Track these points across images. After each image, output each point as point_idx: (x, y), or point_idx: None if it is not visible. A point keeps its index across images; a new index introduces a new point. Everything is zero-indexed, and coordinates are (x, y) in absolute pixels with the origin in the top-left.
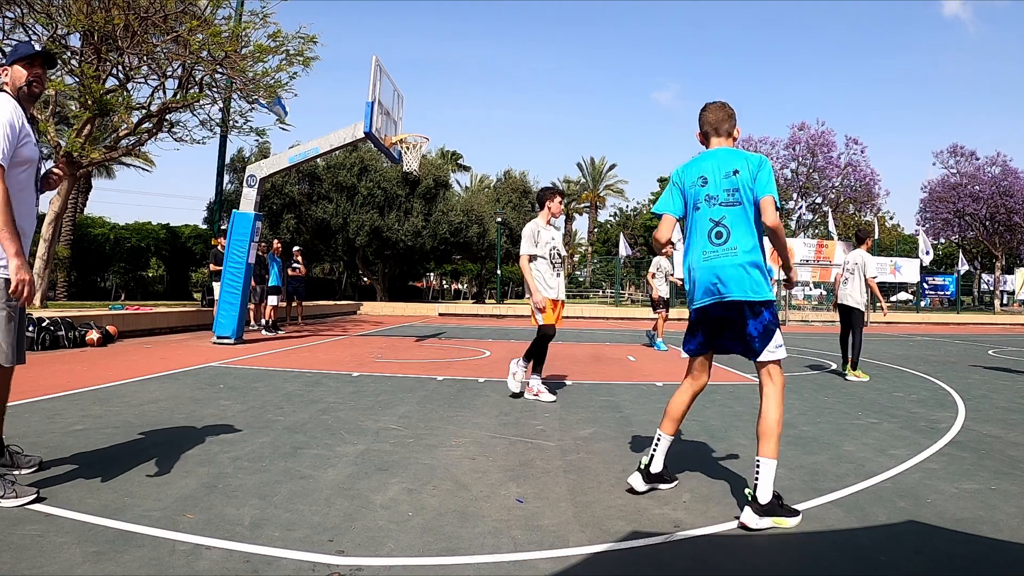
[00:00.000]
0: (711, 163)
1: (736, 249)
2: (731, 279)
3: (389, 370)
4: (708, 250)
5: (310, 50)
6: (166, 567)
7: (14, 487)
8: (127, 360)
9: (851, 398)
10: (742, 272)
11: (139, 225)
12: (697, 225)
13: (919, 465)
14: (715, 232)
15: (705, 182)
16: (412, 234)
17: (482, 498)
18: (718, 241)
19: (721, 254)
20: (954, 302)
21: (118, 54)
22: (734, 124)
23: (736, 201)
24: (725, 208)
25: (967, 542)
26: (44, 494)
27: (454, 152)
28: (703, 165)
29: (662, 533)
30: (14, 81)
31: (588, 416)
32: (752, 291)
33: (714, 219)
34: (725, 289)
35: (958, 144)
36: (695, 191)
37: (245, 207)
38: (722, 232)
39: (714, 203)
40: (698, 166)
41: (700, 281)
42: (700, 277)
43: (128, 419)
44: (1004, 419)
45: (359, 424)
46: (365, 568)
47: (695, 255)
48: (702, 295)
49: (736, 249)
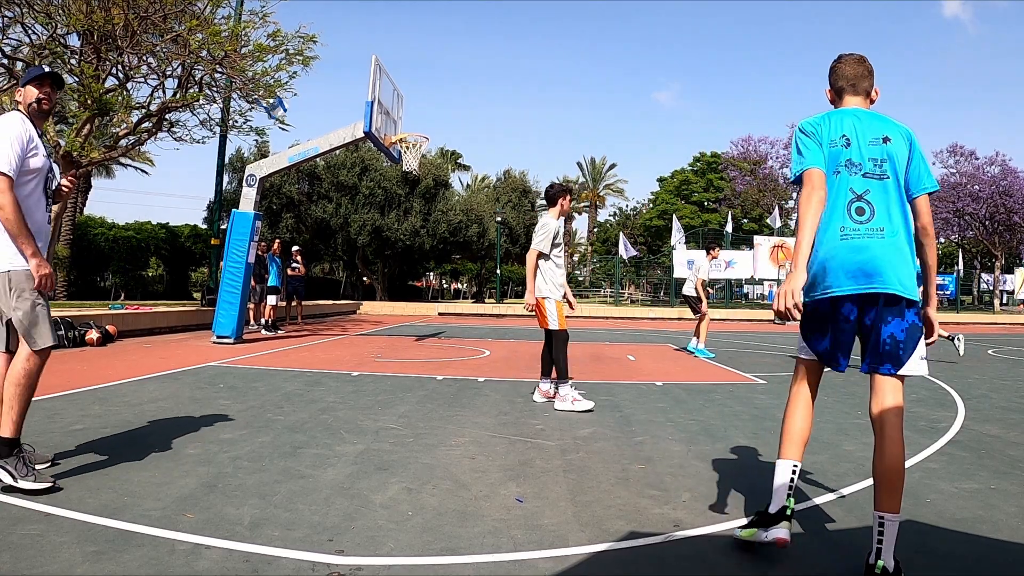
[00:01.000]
0: (853, 122)
1: (883, 231)
2: (884, 266)
3: (389, 369)
4: (849, 227)
5: (310, 49)
6: (166, 567)
7: (35, 472)
8: (127, 360)
9: (851, 398)
10: (896, 258)
11: (139, 225)
12: (833, 195)
13: (919, 465)
14: (856, 207)
15: (848, 143)
16: (411, 233)
17: (482, 498)
18: (860, 218)
19: (865, 234)
20: (954, 301)
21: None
22: (873, 83)
23: (883, 174)
24: (870, 180)
25: (967, 542)
26: (44, 494)
27: (454, 152)
28: (845, 122)
29: (662, 533)
30: (26, 99)
31: (588, 416)
32: (902, 285)
33: (856, 191)
34: (878, 278)
35: (958, 144)
36: (836, 152)
37: (245, 206)
38: (864, 208)
39: (856, 172)
40: (839, 122)
41: (838, 264)
42: (839, 258)
43: (128, 419)
44: (1004, 419)
45: (359, 424)
46: (365, 568)
47: (830, 231)
48: (841, 281)
49: (883, 231)
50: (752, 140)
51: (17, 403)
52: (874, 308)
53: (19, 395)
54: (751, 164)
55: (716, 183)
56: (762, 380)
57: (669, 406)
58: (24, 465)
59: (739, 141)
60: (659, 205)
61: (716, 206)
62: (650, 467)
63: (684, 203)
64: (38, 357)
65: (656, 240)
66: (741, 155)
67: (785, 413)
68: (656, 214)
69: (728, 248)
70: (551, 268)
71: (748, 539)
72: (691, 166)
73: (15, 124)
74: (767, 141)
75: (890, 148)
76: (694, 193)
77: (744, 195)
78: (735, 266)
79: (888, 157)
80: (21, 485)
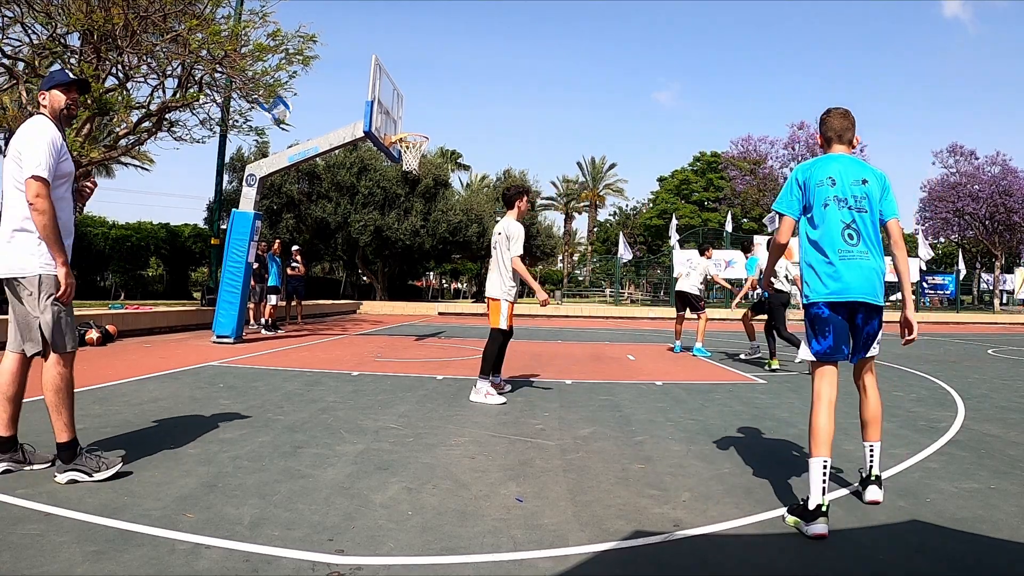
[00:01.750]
0: (838, 166)
1: (867, 255)
2: (871, 283)
3: (389, 369)
4: (844, 248)
5: (310, 49)
6: (166, 566)
7: (104, 460)
8: (127, 359)
9: (851, 397)
10: (876, 278)
11: (138, 224)
12: (827, 222)
13: (919, 464)
14: (847, 233)
15: (833, 183)
16: (411, 233)
17: (482, 497)
18: (851, 242)
19: (857, 256)
20: (954, 301)
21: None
22: (854, 133)
23: (864, 208)
24: (854, 212)
25: (967, 542)
26: (43, 494)
27: (454, 151)
28: (831, 167)
29: (662, 532)
30: (53, 105)
31: (588, 415)
32: (879, 296)
33: (845, 221)
34: (870, 292)
35: (958, 143)
36: (822, 190)
37: (245, 206)
38: (853, 235)
39: (843, 205)
40: (826, 166)
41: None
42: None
43: (128, 418)
44: (1004, 418)
45: (359, 423)
46: (365, 567)
47: (828, 251)
48: (844, 290)
49: (867, 255)
50: (752, 140)
51: (63, 408)
52: (862, 313)
53: (62, 400)
54: (751, 164)
55: (716, 183)
56: (762, 380)
57: (669, 406)
58: (92, 458)
59: (739, 141)
60: (659, 205)
61: (716, 206)
62: (650, 467)
63: (684, 203)
64: (66, 360)
65: (656, 240)
66: (741, 155)
67: (811, 414)
68: (656, 213)
69: (728, 248)
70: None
71: (793, 527)
72: (691, 166)
73: (49, 130)
74: (767, 141)
75: (868, 188)
76: (694, 193)
77: (744, 195)
78: (735, 266)
79: (867, 195)
80: (97, 478)
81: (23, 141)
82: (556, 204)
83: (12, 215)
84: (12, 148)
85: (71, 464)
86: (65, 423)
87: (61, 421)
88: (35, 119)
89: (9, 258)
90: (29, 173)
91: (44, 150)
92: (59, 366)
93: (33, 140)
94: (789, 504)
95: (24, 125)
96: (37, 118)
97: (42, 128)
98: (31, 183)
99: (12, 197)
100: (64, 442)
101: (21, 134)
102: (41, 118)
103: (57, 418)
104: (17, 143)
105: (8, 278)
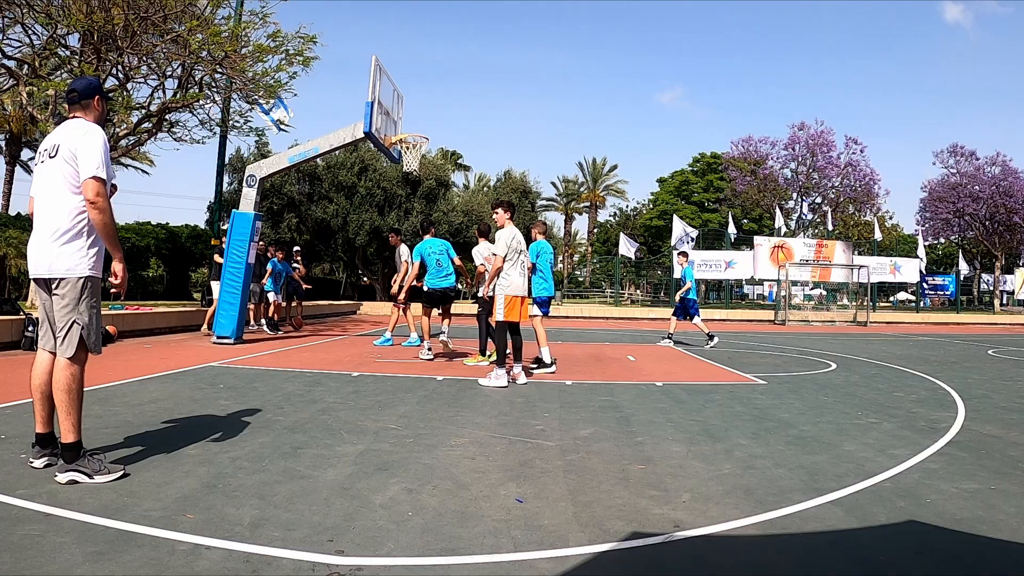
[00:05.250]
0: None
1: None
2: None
3: (389, 370)
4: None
5: (310, 50)
6: (166, 567)
7: (106, 465)
8: (127, 360)
9: (851, 398)
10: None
11: (138, 225)
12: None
13: (919, 465)
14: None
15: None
16: (412, 234)
17: (482, 498)
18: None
19: None
20: (954, 302)
21: (118, 54)
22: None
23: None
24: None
25: (967, 542)
26: (44, 494)
27: (454, 152)
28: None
29: (662, 533)
30: (101, 110)
31: (588, 416)
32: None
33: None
34: None
35: (958, 144)
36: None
37: (245, 207)
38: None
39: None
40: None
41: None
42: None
43: (128, 419)
44: (1004, 419)
45: (359, 424)
46: (365, 568)
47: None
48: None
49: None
50: (752, 140)
51: (73, 409)
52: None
53: (72, 401)
54: (751, 164)
55: (716, 183)
56: (762, 380)
57: (669, 406)
58: (95, 460)
59: (739, 141)
60: (659, 205)
61: (716, 206)
62: (650, 467)
63: (684, 203)
64: (79, 361)
65: (656, 240)
66: (741, 155)
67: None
68: (656, 214)
69: (728, 248)
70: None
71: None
72: (691, 166)
73: (102, 135)
74: (767, 141)
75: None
76: (694, 193)
77: (744, 195)
78: (735, 266)
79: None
80: (98, 480)
81: (78, 144)
82: (556, 205)
83: (59, 215)
84: (65, 150)
85: (73, 464)
86: (73, 424)
87: (69, 421)
88: (84, 123)
89: (56, 259)
90: (89, 174)
91: (101, 153)
92: (73, 367)
93: (91, 143)
94: (789, 504)
95: (74, 128)
96: (85, 122)
97: (98, 134)
98: (91, 183)
99: (60, 197)
100: (69, 443)
101: (74, 137)
102: (94, 125)
103: (65, 418)
104: (70, 145)
105: (51, 278)
